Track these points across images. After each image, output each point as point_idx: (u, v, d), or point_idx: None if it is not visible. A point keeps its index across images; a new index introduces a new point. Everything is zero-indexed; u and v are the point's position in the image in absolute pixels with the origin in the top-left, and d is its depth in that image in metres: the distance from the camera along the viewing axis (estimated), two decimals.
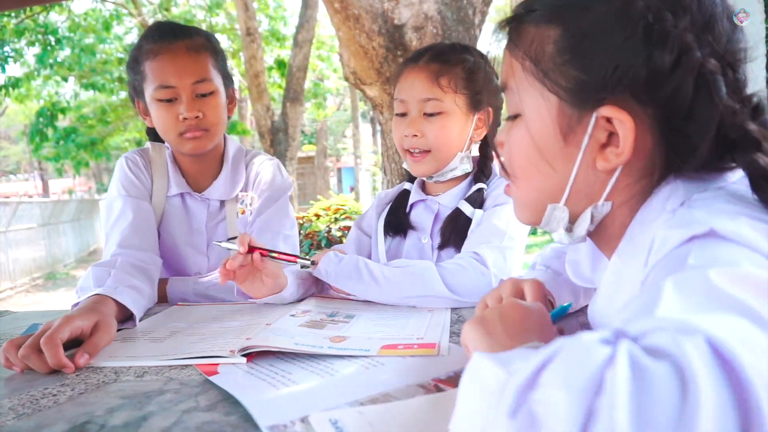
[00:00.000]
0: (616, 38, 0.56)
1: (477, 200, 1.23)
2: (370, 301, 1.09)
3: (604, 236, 0.64)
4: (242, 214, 1.38)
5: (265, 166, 1.41)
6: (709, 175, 0.57)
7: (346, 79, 4.30)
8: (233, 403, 0.62)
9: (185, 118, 1.24)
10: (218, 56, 1.31)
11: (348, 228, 6.58)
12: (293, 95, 8.23)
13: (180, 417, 0.59)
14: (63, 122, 11.13)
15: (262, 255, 1.04)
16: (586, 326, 0.86)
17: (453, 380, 0.63)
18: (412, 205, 1.32)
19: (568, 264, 0.85)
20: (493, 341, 0.57)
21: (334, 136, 22.55)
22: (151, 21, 10.66)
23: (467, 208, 1.22)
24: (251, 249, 1.03)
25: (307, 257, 1.09)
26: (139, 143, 14.10)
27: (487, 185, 1.26)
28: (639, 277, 0.52)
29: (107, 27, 9.93)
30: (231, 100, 1.36)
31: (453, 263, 1.08)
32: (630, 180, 0.60)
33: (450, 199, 1.27)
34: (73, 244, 12.25)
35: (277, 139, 8.07)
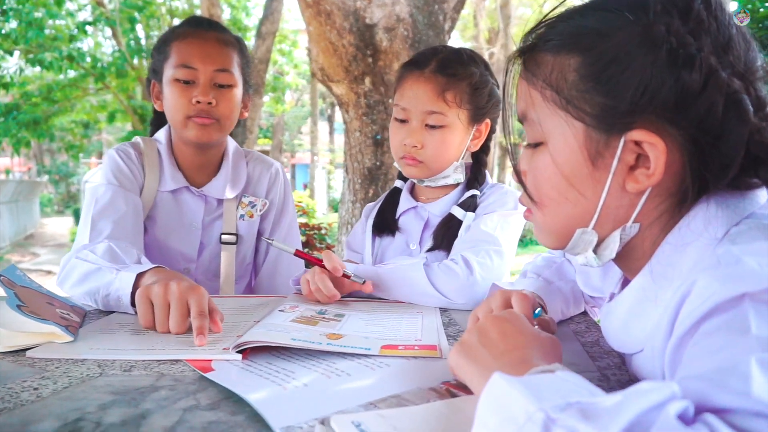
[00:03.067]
0: (641, 63, 0.56)
1: (470, 206, 1.23)
2: (354, 300, 1.09)
3: (630, 256, 0.64)
4: (250, 217, 1.39)
5: (274, 172, 1.45)
6: (740, 195, 0.58)
7: (314, 74, 4.26)
8: (236, 402, 0.59)
9: (198, 102, 1.23)
10: (243, 58, 1.33)
11: (305, 225, 6.51)
12: (254, 87, 8.09)
13: (182, 416, 0.56)
14: (4, 98, 10.55)
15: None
16: (580, 334, 0.87)
17: (464, 385, 0.61)
18: (402, 213, 1.31)
19: (578, 274, 0.86)
20: (481, 367, 0.56)
21: (290, 132, 22.28)
22: None
23: (459, 213, 1.22)
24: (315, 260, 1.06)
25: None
26: (86, 125, 13.51)
27: (480, 192, 1.26)
28: (670, 304, 0.53)
29: (59, 2, 9.46)
30: (245, 105, 1.36)
31: (441, 265, 1.09)
32: (658, 200, 0.60)
33: (440, 208, 1.27)
34: (9, 227, 11.62)
35: (234, 131, 7.87)
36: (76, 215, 14.17)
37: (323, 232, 7.04)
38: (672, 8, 0.57)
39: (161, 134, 1.36)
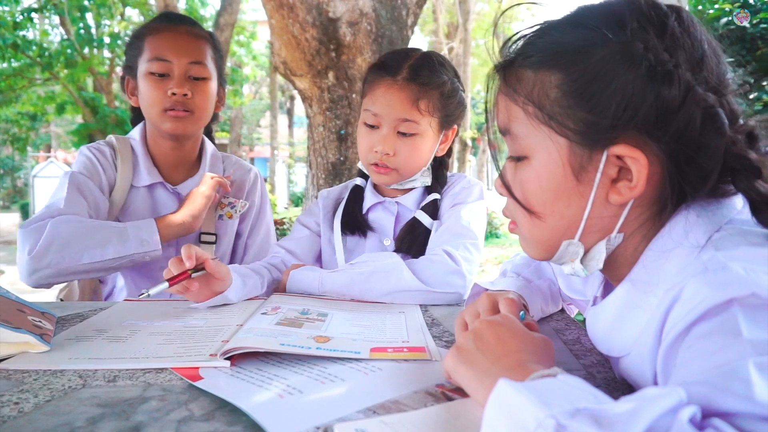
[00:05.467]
0: (623, 80, 0.57)
1: (432, 210, 1.24)
2: (335, 299, 1.07)
3: (614, 264, 0.66)
4: (229, 218, 1.39)
5: (253, 177, 1.46)
6: (718, 202, 0.60)
7: (276, 68, 4.19)
8: (231, 411, 0.58)
9: (173, 94, 1.23)
10: (217, 52, 1.33)
11: None
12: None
13: (177, 428, 0.54)
14: None
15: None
16: (561, 332, 0.89)
17: (459, 388, 0.62)
18: (369, 208, 1.30)
19: (560, 277, 0.88)
20: (478, 371, 0.57)
21: (248, 125, 21.90)
22: None
23: (425, 219, 1.22)
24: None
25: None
26: (33, 117, 12.93)
27: (442, 193, 1.28)
28: (657, 309, 0.55)
29: None
30: (219, 99, 1.36)
31: (423, 259, 1.10)
32: (639, 210, 0.62)
33: (409, 201, 1.27)
34: None
35: None
36: (24, 210, 13.59)
37: (285, 226, 6.99)
38: (648, 25, 0.59)
39: (135, 132, 1.36)
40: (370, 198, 1.30)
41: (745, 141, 0.58)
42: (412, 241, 1.21)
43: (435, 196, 1.25)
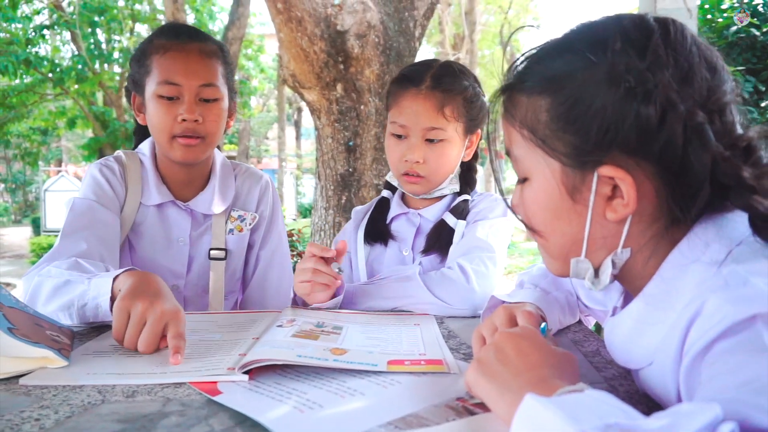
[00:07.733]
0: (602, 102, 0.58)
1: (462, 211, 1.26)
2: (349, 312, 1.07)
3: (628, 278, 0.66)
4: (240, 231, 1.36)
5: (264, 185, 1.42)
6: (739, 216, 0.59)
7: (285, 81, 4.22)
8: (252, 426, 0.58)
9: (184, 120, 1.18)
10: (227, 67, 1.28)
11: None
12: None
13: None
14: None
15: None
16: (579, 344, 0.88)
17: (480, 402, 0.61)
18: (393, 218, 1.33)
19: (580, 288, 0.87)
20: (500, 385, 0.56)
21: (255, 137, 22.03)
22: (64, 1, 9.97)
23: (451, 220, 1.25)
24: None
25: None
26: (45, 132, 13.08)
27: (471, 197, 1.29)
28: (677, 323, 0.54)
29: (14, 5, 9.15)
30: (231, 113, 1.31)
31: (437, 273, 1.11)
32: (643, 226, 0.62)
33: (432, 213, 1.29)
34: None
35: None
36: (35, 224, 13.72)
37: (294, 238, 6.99)
38: (629, 46, 0.59)
39: (145, 146, 1.32)
40: (395, 208, 1.34)
41: (741, 155, 0.57)
42: (437, 239, 1.25)
43: (465, 197, 1.29)
